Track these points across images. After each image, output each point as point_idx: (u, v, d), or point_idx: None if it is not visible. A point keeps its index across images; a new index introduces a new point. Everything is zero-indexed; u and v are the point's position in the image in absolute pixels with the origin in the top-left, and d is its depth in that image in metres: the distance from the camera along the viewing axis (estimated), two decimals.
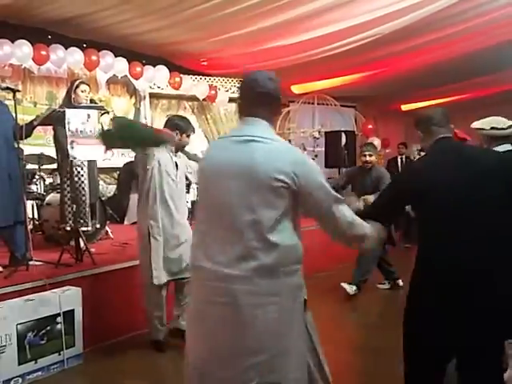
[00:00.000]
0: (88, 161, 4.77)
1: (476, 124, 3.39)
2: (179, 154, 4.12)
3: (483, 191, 2.26)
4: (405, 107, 12.79)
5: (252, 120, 2.03)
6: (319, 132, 9.52)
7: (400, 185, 2.58)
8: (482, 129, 3.33)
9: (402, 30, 6.73)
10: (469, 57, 7.91)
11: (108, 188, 7.68)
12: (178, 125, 4.03)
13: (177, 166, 3.99)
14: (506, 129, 3.26)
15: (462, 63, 8.18)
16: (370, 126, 11.43)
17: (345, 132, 9.06)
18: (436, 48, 7.69)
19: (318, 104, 10.65)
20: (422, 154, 2.61)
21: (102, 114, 4.70)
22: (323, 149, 9.25)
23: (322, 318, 4.82)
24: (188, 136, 4.09)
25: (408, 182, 2.48)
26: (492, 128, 3.27)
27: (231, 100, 9.29)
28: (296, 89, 10.46)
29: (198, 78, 8.73)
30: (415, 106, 12.29)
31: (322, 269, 6.40)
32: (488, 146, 3.27)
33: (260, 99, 2.02)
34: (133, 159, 7.57)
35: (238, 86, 2.16)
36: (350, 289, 5.43)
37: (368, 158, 5.39)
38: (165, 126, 4.08)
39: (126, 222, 7.12)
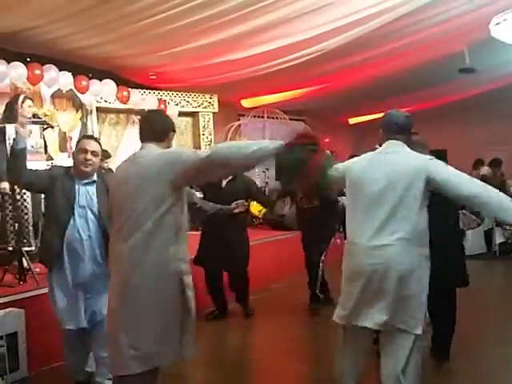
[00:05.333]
0: None
1: None
2: None
3: None
4: (352, 120, 13.10)
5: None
6: None
7: None
8: None
9: (346, 45, 6.91)
10: (413, 70, 8.20)
11: None
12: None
13: None
14: None
15: (406, 77, 8.48)
16: (327, 140, 11.64)
17: None
18: (380, 62, 7.93)
19: (267, 117, 10.76)
20: None
21: (45, 129, 4.58)
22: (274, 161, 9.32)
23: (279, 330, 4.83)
24: None
25: None
26: None
27: (182, 114, 9.25)
28: (246, 103, 10.55)
29: (147, 91, 8.66)
30: (362, 120, 12.61)
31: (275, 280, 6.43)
32: None
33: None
34: None
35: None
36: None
37: None
38: None
39: None
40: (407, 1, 5.81)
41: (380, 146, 2.97)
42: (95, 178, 3.42)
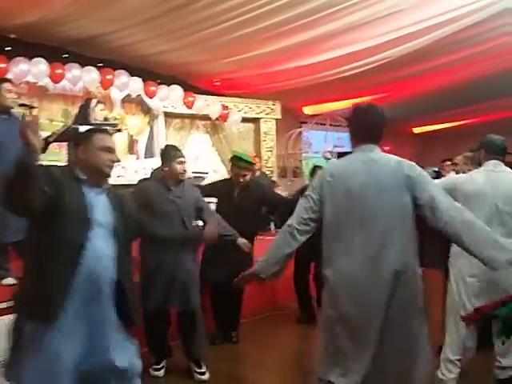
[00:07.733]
0: None
1: None
2: None
3: None
4: (417, 130, 12.81)
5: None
6: (331, 152, 9.56)
7: None
8: None
9: (413, 53, 6.80)
10: (481, 80, 7.95)
11: None
12: None
13: None
14: None
15: (474, 87, 8.22)
16: (387, 148, 11.46)
17: None
18: (448, 71, 7.74)
19: (330, 125, 10.69)
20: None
21: (116, 132, 4.75)
22: None
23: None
24: None
25: None
26: None
27: (244, 120, 9.35)
28: (308, 110, 10.53)
29: (211, 97, 8.81)
30: (427, 129, 12.30)
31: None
32: None
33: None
34: (147, 176, 7.60)
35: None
36: None
37: None
38: None
39: None
40: (490, 4, 5.62)
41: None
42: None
